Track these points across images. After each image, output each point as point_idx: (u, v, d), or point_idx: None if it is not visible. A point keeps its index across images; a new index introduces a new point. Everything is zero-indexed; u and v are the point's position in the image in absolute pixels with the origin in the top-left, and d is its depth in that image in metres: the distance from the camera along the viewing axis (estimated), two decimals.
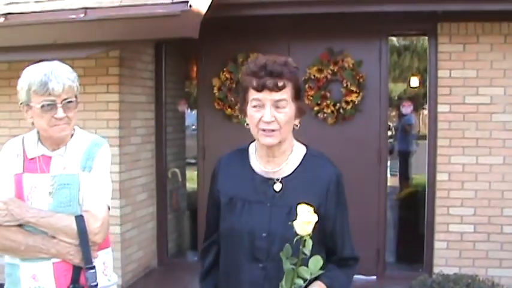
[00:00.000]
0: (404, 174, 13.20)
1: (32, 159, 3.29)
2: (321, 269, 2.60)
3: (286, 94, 2.75)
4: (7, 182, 3.26)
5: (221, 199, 3.02)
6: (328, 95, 7.59)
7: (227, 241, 3.01)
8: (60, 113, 3.11)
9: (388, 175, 8.18)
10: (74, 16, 6.38)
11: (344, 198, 2.96)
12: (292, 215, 2.61)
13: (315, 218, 2.52)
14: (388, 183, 8.13)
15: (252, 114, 2.80)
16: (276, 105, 2.75)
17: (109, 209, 3.34)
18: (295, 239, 2.54)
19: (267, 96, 2.73)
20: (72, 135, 3.33)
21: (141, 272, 8.04)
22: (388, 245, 8.23)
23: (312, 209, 2.52)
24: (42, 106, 3.09)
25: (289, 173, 2.92)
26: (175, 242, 9.27)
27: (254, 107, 2.79)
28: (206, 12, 6.10)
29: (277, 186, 2.90)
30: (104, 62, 7.21)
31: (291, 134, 2.91)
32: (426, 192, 7.46)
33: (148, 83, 8.18)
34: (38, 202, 3.20)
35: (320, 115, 7.61)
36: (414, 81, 16.79)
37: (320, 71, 7.57)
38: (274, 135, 2.79)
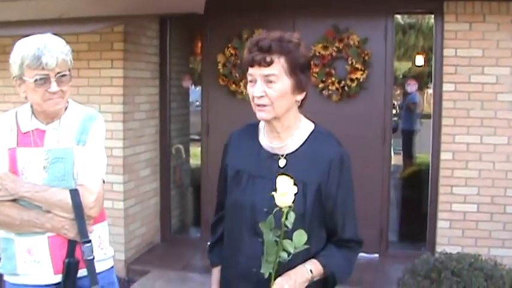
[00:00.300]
0: (407, 153, 13.19)
1: (25, 133, 3.28)
2: (305, 244, 2.57)
3: (276, 69, 2.73)
4: (1, 157, 3.25)
5: (228, 173, 3.04)
6: (333, 72, 7.56)
7: (231, 214, 3.03)
8: (54, 87, 3.10)
9: (392, 153, 8.17)
10: None
11: (348, 179, 2.93)
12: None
13: (294, 189, 2.49)
14: (392, 162, 8.12)
15: (248, 90, 2.85)
16: (266, 80, 2.74)
17: (104, 182, 3.34)
18: (273, 211, 2.55)
19: (257, 71, 2.75)
20: (66, 108, 3.32)
21: (144, 247, 8.06)
22: (391, 223, 8.23)
23: (291, 181, 2.49)
24: (36, 80, 3.08)
25: (294, 149, 2.91)
26: (178, 218, 9.29)
27: (250, 82, 2.82)
28: None
29: (282, 162, 2.90)
30: (108, 37, 7.19)
31: (295, 110, 2.90)
32: (430, 171, 7.46)
33: (153, 59, 8.16)
34: (32, 176, 3.20)
35: (325, 92, 7.59)
36: (419, 60, 16.72)
37: (325, 48, 7.54)
38: (265, 110, 2.79)
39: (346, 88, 7.52)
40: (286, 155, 2.91)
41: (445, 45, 7.03)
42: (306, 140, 2.92)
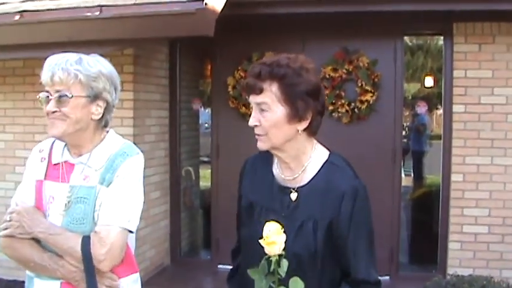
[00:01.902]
0: (417, 174, 13.19)
1: (55, 165, 3.01)
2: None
3: (268, 97, 2.57)
4: (28, 189, 3.01)
5: (242, 204, 2.92)
6: (343, 94, 7.57)
7: (245, 246, 2.92)
8: (50, 105, 2.83)
9: (402, 175, 8.16)
10: (89, 14, 6.39)
11: (364, 214, 2.71)
12: (304, 229, 2.64)
13: (283, 238, 2.36)
14: (402, 183, 8.11)
15: None
16: (260, 108, 2.60)
17: (131, 232, 2.93)
18: (263, 259, 2.42)
19: (252, 98, 2.63)
20: (102, 140, 3.01)
21: (154, 270, 8.04)
22: (402, 245, 8.20)
23: (279, 227, 2.36)
24: (39, 98, 2.89)
25: (305, 182, 2.73)
26: (188, 240, 9.28)
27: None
28: (221, 10, 6.10)
29: (293, 196, 2.73)
30: (118, 59, 7.20)
31: (302, 140, 2.69)
32: (440, 193, 7.43)
33: (163, 81, 8.18)
34: (53, 215, 2.92)
35: (334, 114, 7.59)
36: (428, 81, 16.74)
37: (335, 70, 7.55)
38: (261, 139, 2.65)
39: (356, 110, 7.52)
40: (298, 188, 2.73)
41: (455, 66, 7.04)
42: (319, 171, 2.72)
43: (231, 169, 7.17)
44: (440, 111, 7.68)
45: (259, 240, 2.38)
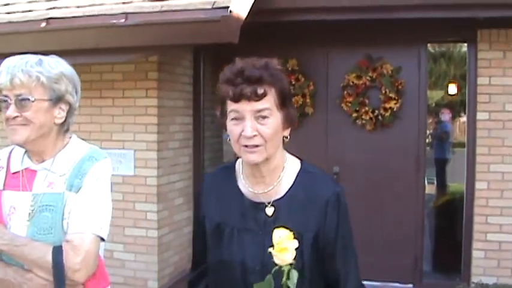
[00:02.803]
0: (441, 182, 13.15)
1: (15, 173, 2.82)
2: None
3: (269, 102, 2.36)
4: None
5: (207, 226, 2.63)
6: (366, 101, 7.57)
7: (216, 275, 2.62)
8: (10, 110, 2.66)
9: (425, 183, 8.14)
10: (114, 21, 6.43)
11: (346, 219, 2.55)
12: None
13: (295, 244, 2.18)
14: (425, 191, 8.09)
15: (232, 129, 2.42)
16: (258, 116, 2.36)
17: (103, 240, 2.75)
18: (273, 270, 2.20)
19: (245, 106, 2.34)
20: (65, 145, 2.83)
21: (177, 275, 8.06)
22: (426, 253, 8.18)
23: (291, 233, 2.18)
24: None
25: (282, 194, 2.52)
26: None
27: (233, 119, 2.41)
28: (246, 18, 6.13)
29: (269, 211, 2.50)
30: (143, 66, 7.27)
31: (281, 148, 2.54)
32: (464, 200, 7.39)
33: (187, 88, 8.22)
34: (16, 226, 2.71)
35: (358, 122, 7.59)
36: (452, 89, 16.71)
37: (359, 77, 7.56)
38: (258, 151, 2.40)
39: (379, 117, 7.51)
40: (274, 201, 2.51)
41: (479, 73, 7.01)
42: (294, 181, 2.53)
43: None
44: (463, 119, 7.65)
45: (270, 249, 2.18)
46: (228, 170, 2.69)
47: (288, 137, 2.52)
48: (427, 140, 9.84)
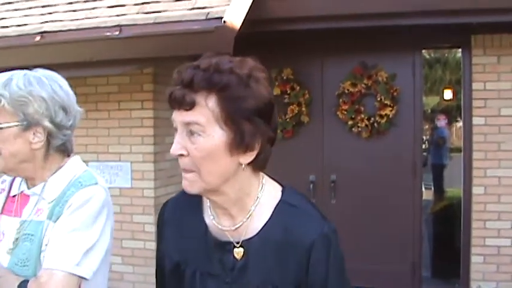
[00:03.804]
0: (438, 188, 13.18)
1: (13, 197, 2.63)
2: None
3: (202, 115, 1.83)
4: None
5: (166, 264, 2.17)
6: (362, 109, 7.57)
7: None
8: None
9: (423, 188, 8.15)
10: (109, 33, 6.43)
11: (339, 270, 2.02)
12: None
13: None
14: (423, 197, 8.09)
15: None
16: (188, 130, 1.86)
17: (85, 279, 2.36)
18: None
19: (176, 115, 1.89)
20: (60, 167, 2.57)
21: None
22: (424, 259, 8.17)
23: None
24: None
25: (253, 233, 1.98)
26: None
27: (175, 130, 1.93)
28: (240, 28, 6.14)
29: (238, 253, 1.99)
30: (138, 78, 7.27)
31: (247, 177, 1.96)
32: (462, 206, 7.39)
33: None
34: (1, 254, 2.50)
35: (354, 129, 7.59)
36: (447, 94, 16.75)
37: (354, 85, 7.56)
38: (190, 179, 1.91)
39: (375, 125, 7.51)
40: (244, 241, 1.99)
41: (474, 78, 7.01)
42: (271, 217, 1.99)
43: None
44: (460, 124, 7.65)
45: None
46: (194, 197, 2.05)
47: (243, 165, 1.91)
48: (423, 146, 9.86)
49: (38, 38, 6.79)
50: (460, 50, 7.66)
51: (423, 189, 8.20)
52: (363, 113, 7.57)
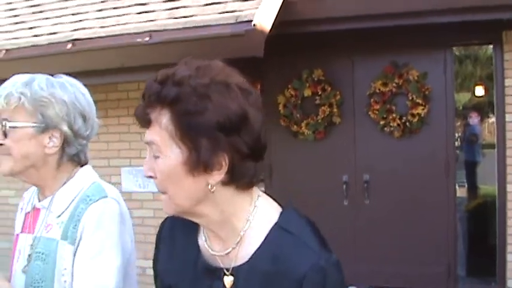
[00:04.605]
0: (472, 185, 13.09)
1: (28, 213, 2.54)
2: None
3: (157, 134, 1.67)
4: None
5: (158, 286, 2.04)
6: (393, 108, 7.52)
7: None
8: None
9: (456, 186, 8.09)
10: (139, 40, 6.46)
11: None
12: None
13: None
14: (457, 195, 8.04)
15: None
16: (152, 150, 1.72)
17: None
18: None
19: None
20: (70, 178, 2.46)
21: None
22: (459, 258, 8.12)
23: None
24: None
25: (243, 260, 1.79)
26: None
27: None
28: (270, 30, 6.14)
29: (228, 281, 1.81)
30: None
31: (233, 196, 1.77)
32: (497, 203, 7.33)
33: None
34: (17, 274, 2.43)
35: (386, 129, 7.54)
36: (479, 91, 16.62)
37: (385, 84, 7.52)
38: (163, 199, 1.77)
39: (407, 124, 7.46)
40: (234, 268, 1.81)
41: (506, 75, 6.95)
42: (263, 242, 1.78)
43: (285, 188, 7.21)
44: (492, 119, 7.59)
45: None
46: None
47: (212, 187, 1.70)
48: (456, 143, 9.80)
49: (69, 45, 6.85)
50: (491, 46, 7.58)
51: (457, 187, 8.15)
52: (394, 112, 7.52)
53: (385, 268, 7.34)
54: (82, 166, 2.53)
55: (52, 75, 2.47)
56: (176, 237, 1.99)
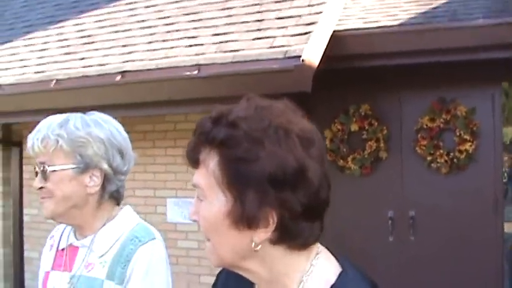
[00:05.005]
0: None
1: (62, 250, 2.51)
2: None
3: (203, 176, 1.51)
4: (39, 284, 2.56)
5: None
6: (441, 144, 7.46)
7: None
8: (36, 181, 2.36)
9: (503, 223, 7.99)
10: (188, 73, 6.51)
11: None
12: None
13: None
14: (505, 230, 7.93)
15: None
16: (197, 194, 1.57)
17: None
18: None
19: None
20: (112, 218, 2.47)
21: None
22: None
23: None
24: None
25: None
26: None
27: None
28: (318, 65, 6.14)
29: None
30: None
31: (285, 255, 1.54)
32: None
33: None
34: None
35: (433, 165, 7.48)
36: None
37: (432, 120, 7.47)
38: (206, 248, 1.59)
39: (455, 160, 7.40)
40: None
41: None
42: None
43: (330, 223, 7.22)
44: None
45: None
46: None
47: (257, 245, 1.49)
48: (504, 179, 9.70)
49: (118, 77, 6.92)
50: None
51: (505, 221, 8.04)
52: (442, 148, 7.46)
53: None
54: (119, 203, 2.53)
55: (97, 110, 2.50)
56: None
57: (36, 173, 2.35)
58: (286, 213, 1.45)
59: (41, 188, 2.33)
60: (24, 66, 8.19)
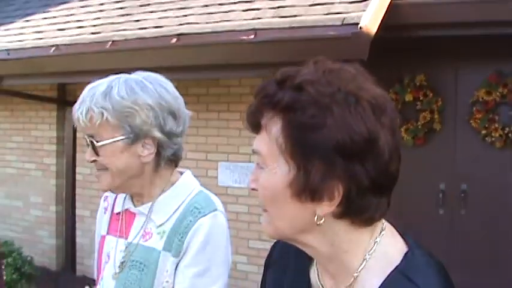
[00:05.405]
0: None
1: (117, 214, 2.45)
2: None
3: (264, 142, 1.43)
4: (96, 247, 2.53)
5: None
6: (496, 118, 7.36)
7: None
8: (87, 154, 2.27)
9: None
10: (244, 37, 6.49)
11: None
12: None
13: None
14: None
15: None
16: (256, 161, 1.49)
17: None
18: None
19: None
20: (172, 184, 2.35)
21: None
22: None
23: None
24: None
25: None
26: None
27: None
28: (375, 34, 6.09)
29: None
30: None
31: (347, 230, 1.45)
32: None
33: None
34: (106, 278, 2.35)
35: (488, 139, 7.39)
36: None
37: (488, 93, 7.36)
38: (263, 218, 1.51)
39: (510, 135, 7.29)
40: None
41: None
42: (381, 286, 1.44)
43: None
44: None
45: None
46: None
47: (320, 220, 1.41)
48: None
49: (174, 40, 6.94)
50: None
51: None
52: (497, 122, 7.35)
53: (478, 280, 7.20)
54: (177, 165, 2.41)
55: (153, 71, 2.39)
56: (285, 266, 1.71)
57: (88, 145, 2.25)
58: (353, 186, 1.36)
59: (94, 160, 2.25)
60: (80, 27, 8.25)
